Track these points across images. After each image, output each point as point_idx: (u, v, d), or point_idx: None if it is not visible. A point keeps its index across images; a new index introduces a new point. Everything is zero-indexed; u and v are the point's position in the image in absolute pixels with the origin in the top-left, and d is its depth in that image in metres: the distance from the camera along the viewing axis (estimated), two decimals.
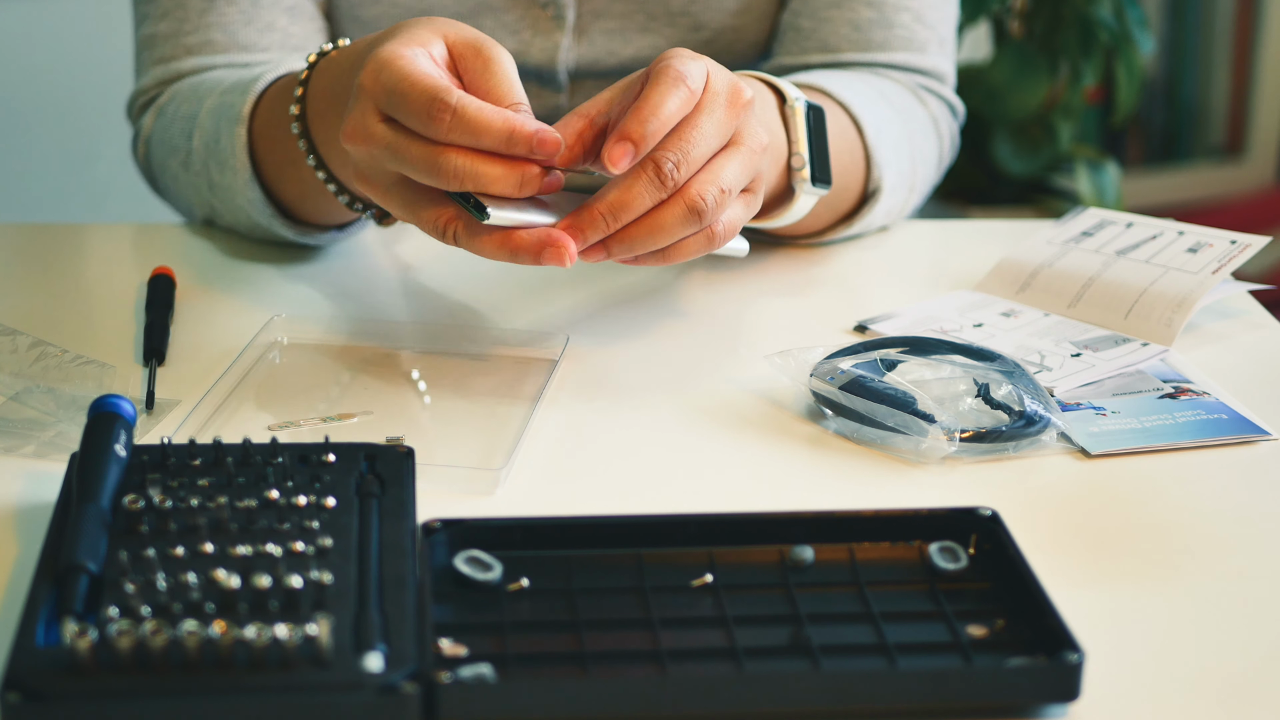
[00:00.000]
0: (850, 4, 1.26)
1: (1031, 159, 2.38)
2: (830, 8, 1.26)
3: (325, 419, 0.92)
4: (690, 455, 0.91)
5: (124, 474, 0.79)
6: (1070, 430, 0.92)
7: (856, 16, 1.26)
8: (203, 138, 1.15)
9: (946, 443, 0.89)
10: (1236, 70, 3.09)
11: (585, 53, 1.28)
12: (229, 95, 1.14)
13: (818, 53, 1.26)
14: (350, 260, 1.18)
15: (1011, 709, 0.69)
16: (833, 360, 0.95)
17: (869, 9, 1.26)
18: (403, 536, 0.75)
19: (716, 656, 0.71)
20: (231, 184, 1.13)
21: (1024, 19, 2.36)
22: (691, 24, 1.28)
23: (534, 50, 1.27)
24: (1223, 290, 1.07)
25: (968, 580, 0.77)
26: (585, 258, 0.92)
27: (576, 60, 1.28)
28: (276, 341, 1.02)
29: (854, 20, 1.26)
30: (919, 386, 0.92)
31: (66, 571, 0.70)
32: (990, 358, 0.97)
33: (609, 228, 0.90)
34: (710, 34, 1.29)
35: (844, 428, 0.92)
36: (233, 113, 1.13)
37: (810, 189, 1.09)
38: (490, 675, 0.68)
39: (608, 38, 1.28)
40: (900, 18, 1.26)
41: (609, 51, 1.29)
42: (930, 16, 1.28)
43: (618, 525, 0.78)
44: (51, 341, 0.98)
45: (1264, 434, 0.93)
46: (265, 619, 0.67)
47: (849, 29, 1.26)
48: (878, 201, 1.19)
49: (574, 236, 0.90)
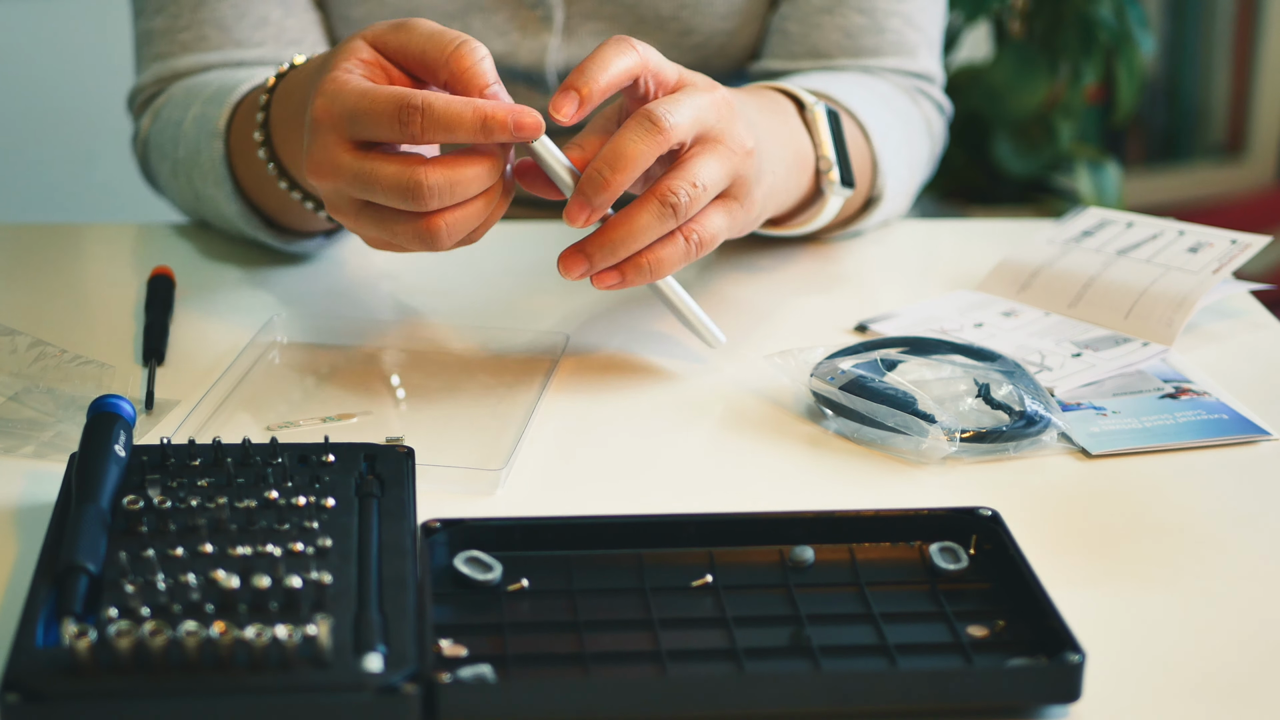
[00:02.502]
0: (841, 10, 1.25)
1: (1032, 159, 2.38)
2: (821, 13, 1.26)
3: (324, 419, 0.92)
4: (690, 455, 0.91)
5: (123, 474, 0.79)
6: (1071, 430, 0.92)
7: (848, 23, 1.26)
8: (186, 148, 1.15)
9: (947, 443, 0.89)
10: (1237, 70, 3.09)
11: (574, 54, 1.27)
12: (209, 106, 1.14)
13: (808, 58, 1.26)
14: (350, 260, 1.18)
15: (1012, 710, 0.69)
16: (833, 360, 0.95)
17: (860, 15, 1.25)
18: (402, 537, 0.75)
19: (716, 657, 0.71)
20: (215, 195, 1.13)
21: (1024, 19, 2.36)
22: (681, 28, 1.28)
23: (522, 52, 1.27)
24: (1223, 290, 1.07)
25: (968, 580, 0.77)
26: (566, 271, 0.92)
27: (565, 62, 1.28)
28: (276, 341, 1.02)
29: (845, 27, 1.26)
30: (919, 386, 0.92)
31: (66, 572, 0.70)
32: (990, 358, 0.97)
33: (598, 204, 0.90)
34: (700, 38, 1.28)
35: (844, 428, 0.92)
36: (210, 126, 1.13)
37: (839, 190, 1.10)
38: (490, 676, 0.68)
39: (597, 39, 1.27)
40: (891, 23, 1.26)
41: None
42: (919, 19, 1.28)
43: (618, 526, 0.78)
44: (51, 341, 0.98)
45: (1264, 434, 0.93)
46: (265, 619, 0.67)
47: (840, 35, 1.26)
48: (879, 207, 1.19)
49: (580, 208, 0.90)
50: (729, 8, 1.28)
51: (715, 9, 1.27)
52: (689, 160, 0.92)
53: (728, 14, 1.28)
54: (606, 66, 0.90)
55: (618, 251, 0.92)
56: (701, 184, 0.91)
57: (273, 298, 1.10)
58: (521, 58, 1.27)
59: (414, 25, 0.90)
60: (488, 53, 0.89)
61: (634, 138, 0.90)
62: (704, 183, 0.91)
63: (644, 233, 0.91)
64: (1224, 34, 3.08)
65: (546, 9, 1.26)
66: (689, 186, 0.91)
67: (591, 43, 1.27)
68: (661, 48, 1.28)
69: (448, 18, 1.25)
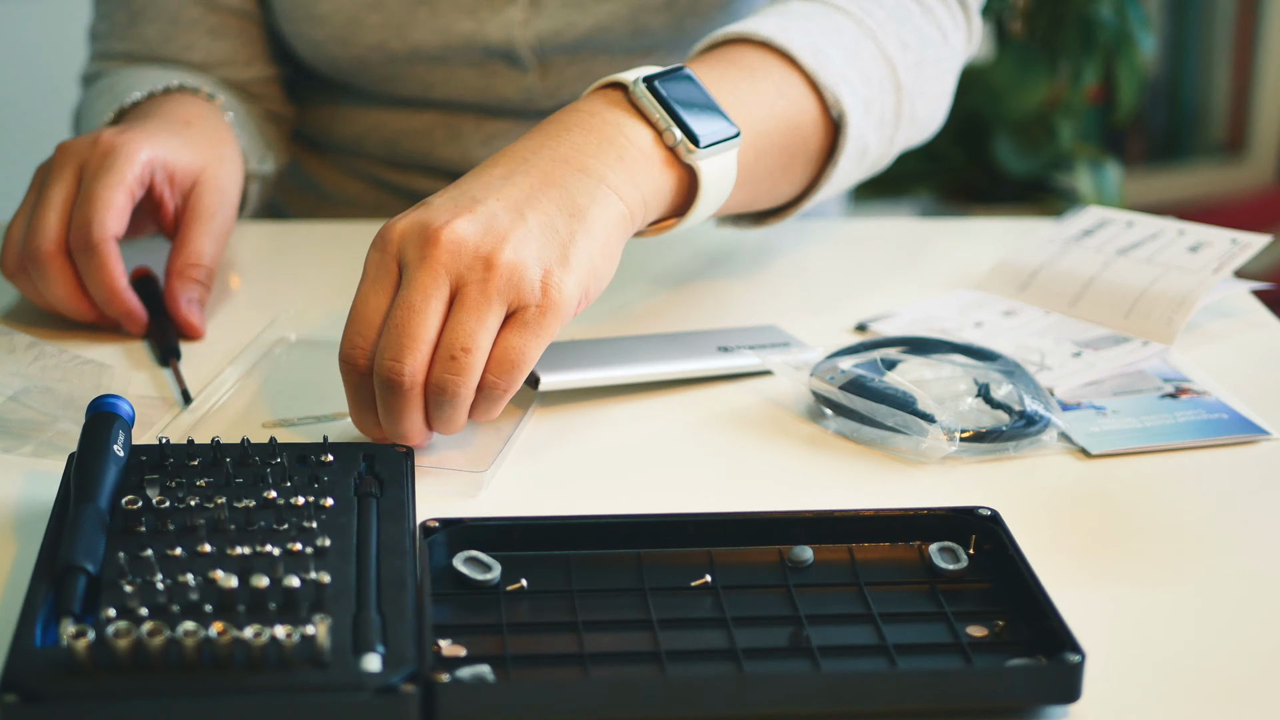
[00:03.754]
0: None
1: (1032, 158, 2.38)
2: None
3: (320, 417, 0.92)
4: (690, 454, 0.91)
5: (122, 474, 0.79)
6: (1070, 430, 0.92)
7: None
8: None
9: (947, 442, 0.88)
10: (1237, 69, 3.09)
11: (545, 26, 1.24)
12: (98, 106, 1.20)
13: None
14: (349, 260, 1.18)
15: (1011, 710, 0.69)
16: (833, 360, 0.95)
17: None
18: (401, 537, 0.75)
19: (716, 657, 0.71)
20: None
21: (1025, 18, 2.36)
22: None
23: (491, 28, 1.24)
24: (1223, 289, 1.07)
25: (968, 580, 0.77)
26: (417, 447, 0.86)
27: (537, 35, 1.24)
28: (284, 338, 1.02)
29: None
30: (919, 386, 0.92)
31: (64, 572, 0.70)
32: (990, 357, 0.97)
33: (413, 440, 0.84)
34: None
35: (844, 427, 0.92)
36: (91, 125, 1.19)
37: (703, 153, 0.93)
38: (489, 676, 0.68)
39: (565, 9, 1.23)
40: None
41: (568, 23, 1.24)
42: None
43: (617, 525, 0.78)
44: (49, 341, 0.98)
45: (1264, 434, 0.93)
46: (264, 619, 0.67)
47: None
48: (848, 125, 1.03)
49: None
50: None
51: None
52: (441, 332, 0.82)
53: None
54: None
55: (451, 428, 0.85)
56: (467, 345, 0.82)
57: (274, 297, 1.10)
58: (492, 35, 1.24)
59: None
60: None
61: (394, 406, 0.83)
62: (467, 342, 0.82)
63: (454, 409, 0.83)
64: (1224, 34, 3.08)
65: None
66: (448, 360, 0.82)
67: (560, 13, 1.23)
68: (632, 10, 1.22)
69: (413, 3, 1.23)
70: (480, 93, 1.28)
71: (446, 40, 1.25)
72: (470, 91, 1.28)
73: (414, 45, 1.25)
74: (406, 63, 1.26)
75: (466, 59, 1.26)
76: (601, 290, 0.89)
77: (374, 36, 1.25)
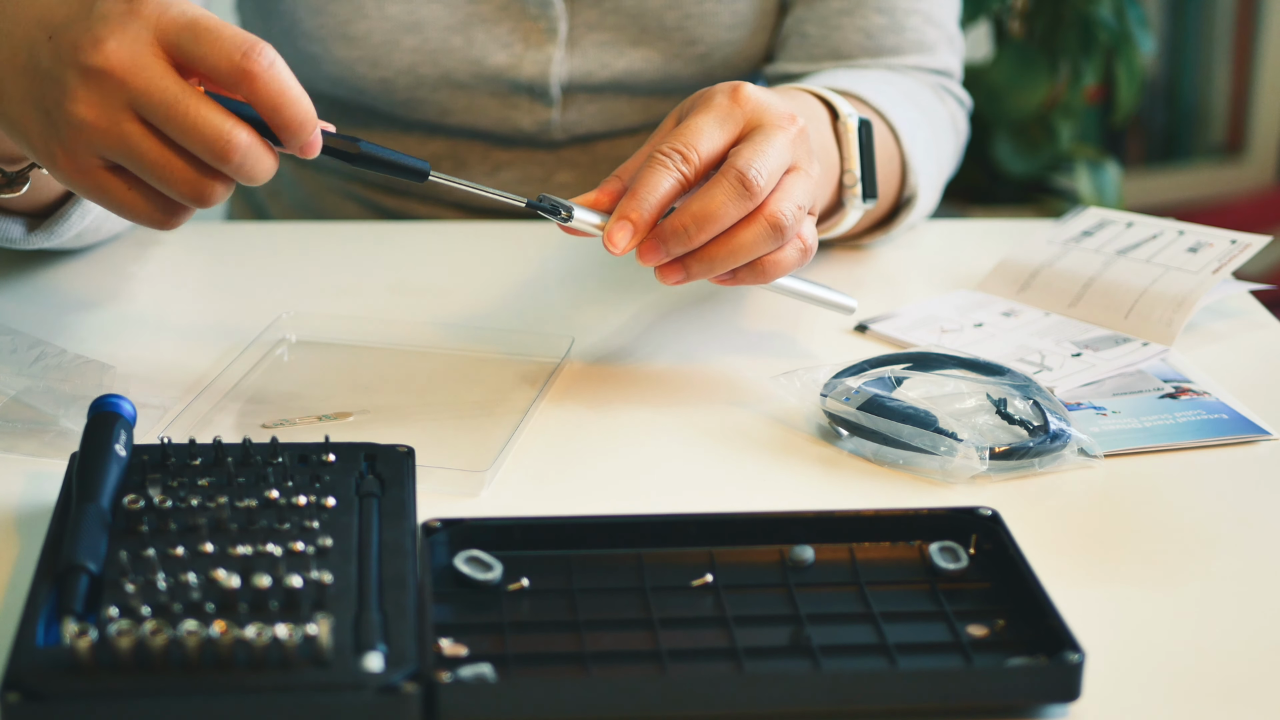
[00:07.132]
0: (861, 11, 1.25)
1: (1032, 159, 2.37)
2: (840, 15, 1.25)
3: (321, 418, 0.92)
4: (690, 455, 0.91)
5: (124, 474, 0.79)
6: (1081, 439, 0.91)
7: (868, 23, 1.25)
8: None
9: (978, 461, 0.87)
10: (1237, 70, 3.09)
11: (578, 65, 1.27)
12: None
13: (829, 59, 1.26)
14: (349, 260, 1.18)
15: (1012, 709, 0.69)
16: (841, 379, 0.94)
17: (880, 15, 1.25)
18: (403, 536, 0.75)
19: (716, 656, 0.71)
20: None
21: (1024, 19, 2.36)
22: (685, 39, 1.27)
23: (526, 64, 1.26)
24: (1223, 290, 1.07)
25: (968, 580, 0.77)
26: (663, 277, 0.90)
27: (569, 73, 1.27)
28: (285, 339, 1.02)
29: (865, 27, 1.25)
30: (930, 403, 0.91)
31: (66, 571, 0.70)
32: (994, 371, 0.95)
33: (692, 240, 0.88)
34: (705, 48, 1.28)
35: (861, 448, 0.90)
36: None
37: (859, 204, 1.10)
38: (490, 675, 0.68)
39: (600, 50, 1.27)
40: (911, 21, 1.26)
41: (601, 64, 1.27)
42: (938, 16, 1.27)
43: (618, 525, 0.78)
44: (51, 341, 0.98)
45: (1264, 434, 0.93)
46: (265, 619, 0.67)
47: (861, 36, 1.25)
48: (913, 208, 1.18)
49: (654, 249, 0.89)
50: (735, 18, 1.27)
51: (721, 19, 1.27)
52: (788, 181, 0.91)
53: (734, 24, 1.27)
54: (655, 190, 0.89)
55: (716, 268, 0.90)
56: (804, 204, 0.91)
57: (274, 297, 1.10)
58: (525, 70, 1.26)
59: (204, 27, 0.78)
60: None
61: (724, 200, 0.88)
62: (805, 203, 0.91)
63: (748, 250, 0.90)
64: (1224, 34, 3.08)
65: (550, 21, 1.25)
66: (793, 208, 0.90)
67: (595, 54, 1.27)
68: (665, 59, 1.27)
69: (450, 31, 1.25)
70: (498, 123, 1.30)
71: (479, 71, 1.26)
72: (488, 121, 1.29)
73: (445, 72, 1.26)
74: (431, 89, 1.27)
75: (492, 89, 1.27)
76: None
77: (406, 60, 1.26)
